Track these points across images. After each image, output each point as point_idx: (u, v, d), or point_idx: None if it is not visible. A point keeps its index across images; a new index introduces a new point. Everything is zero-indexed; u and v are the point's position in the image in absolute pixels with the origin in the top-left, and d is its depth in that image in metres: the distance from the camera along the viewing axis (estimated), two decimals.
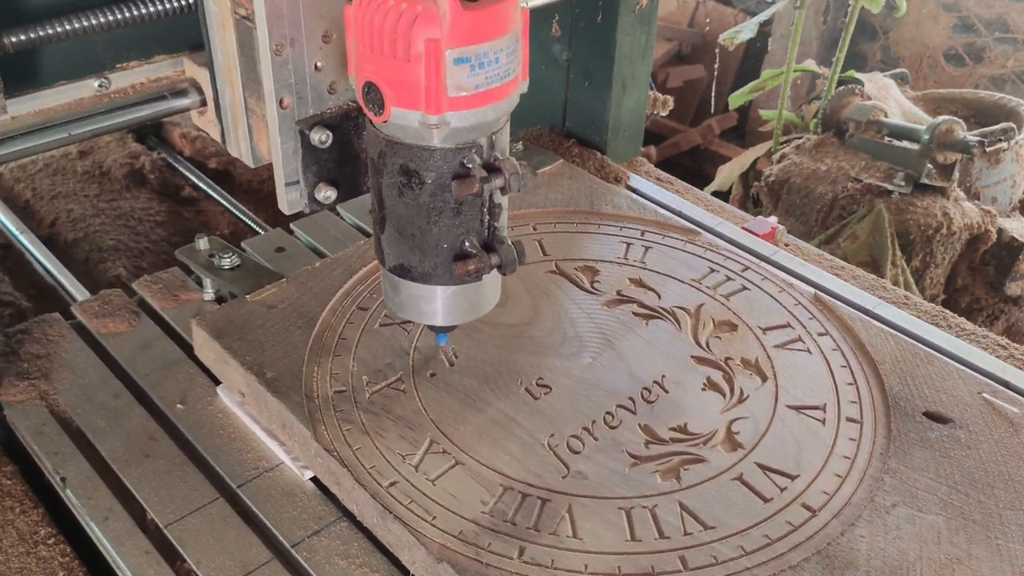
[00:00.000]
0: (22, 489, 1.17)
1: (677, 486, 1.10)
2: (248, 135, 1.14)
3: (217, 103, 1.18)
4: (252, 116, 1.12)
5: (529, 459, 1.13)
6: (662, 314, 1.34)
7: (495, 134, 0.99)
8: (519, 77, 0.98)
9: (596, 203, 1.57)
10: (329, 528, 1.10)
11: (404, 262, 1.06)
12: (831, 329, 1.32)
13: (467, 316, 1.12)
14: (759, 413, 1.20)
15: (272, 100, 1.04)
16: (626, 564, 1.01)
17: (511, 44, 0.94)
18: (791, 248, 1.63)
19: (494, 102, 0.95)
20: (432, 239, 1.03)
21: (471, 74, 0.91)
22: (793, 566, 1.01)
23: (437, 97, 0.91)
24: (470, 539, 1.03)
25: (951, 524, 1.06)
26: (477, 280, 1.07)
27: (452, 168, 0.98)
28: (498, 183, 0.99)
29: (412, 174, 0.99)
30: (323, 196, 1.11)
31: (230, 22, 1.07)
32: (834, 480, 1.11)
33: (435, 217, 1.01)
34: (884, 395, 1.22)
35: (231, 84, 1.13)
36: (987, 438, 1.16)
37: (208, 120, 1.23)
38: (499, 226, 1.05)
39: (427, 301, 1.09)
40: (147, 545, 1.09)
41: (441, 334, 1.18)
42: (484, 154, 0.99)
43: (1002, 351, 1.41)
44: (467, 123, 0.95)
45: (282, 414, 1.17)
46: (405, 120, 0.94)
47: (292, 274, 1.39)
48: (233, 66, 1.10)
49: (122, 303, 1.42)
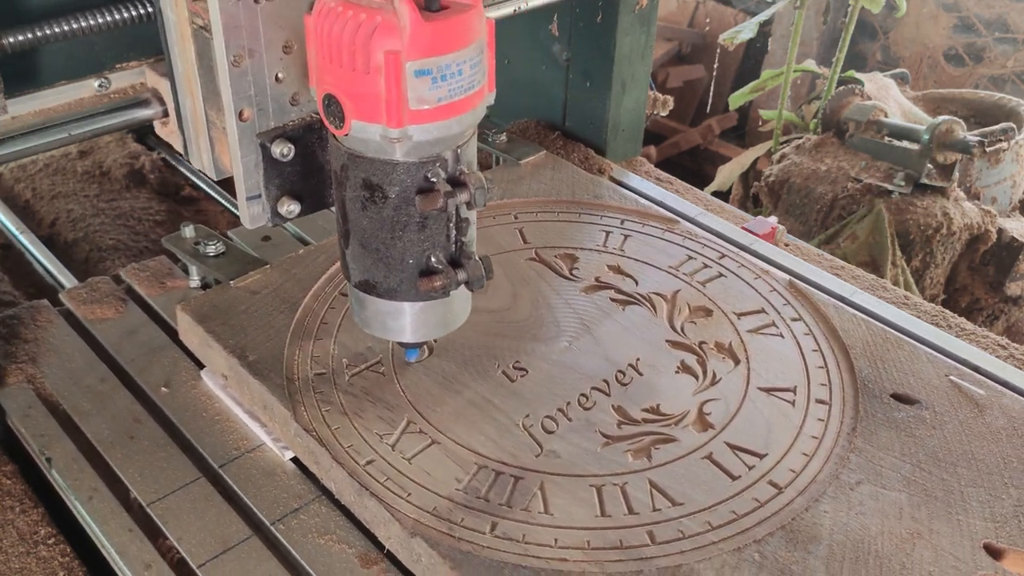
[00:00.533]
0: (22, 489, 1.18)
1: (648, 464, 1.12)
2: (210, 147, 1.13)
3: (179, 114, 1.16)
4: (213, 128, 1.11)
5: (504, 439, 1.15)
6: (639, 300, 1.37)
7: (461, 147, 0.98)
8: (485, 89, 0.96)
9: (578, 193, 1.60)
10: (308, 506, 1.13)
11: (369, 277, 1.05)
12: (804, 315, 1.34)
13: (436, 332, 1.12)
14: (731, 395, 1.22)
15: (231, 113, 1.01)
16: (595, 538, 1.04)
17: (475, 55, 0.92)
18: (791, 248, 1.64)
19: (458, 115, 0.94)
20: (397, 254, 1.02)
21: (433, 87, 0.90)
22: (757, 540, 1.03)
23: (398, 110, 0.90)
24: (443, 515, 1.05)
25: (913, 500, 1.08)
26: (444, 296, 1.06)
27: (416, 182, 0.97)
28: (463, 198, 0.97)
29: (375, 188, 0.98)
30: (286, 210, 1.09)
31: (188, 32, 1.05)
32: (801, 459, 1.13)
33: (399, 232, 1.00)
34: (853, 378, 1.24)
35: (192, 95, 1.11)
36: (952, 419, 1.18)
37: (170, 131, 1.21)
38: (467, 241, 1.04)
39: (394, 317, 1.09)
40: (130, 523, 1.11)
41: (411, 350, 1.19)
42: (449, 168, 0.97)
43: (1002, 351, 1.43)
44: (430, 136, 0.94)
45: (263, 396, 1.20)
46: (366, 133, 0.93)
47: (276, 260, 1.42)
48: (193, 77, 1.08)
49: (109, 290, 1.45)
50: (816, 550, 1.02)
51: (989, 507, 1.07)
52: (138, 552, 1.08)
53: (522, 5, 1.56)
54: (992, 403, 1.21)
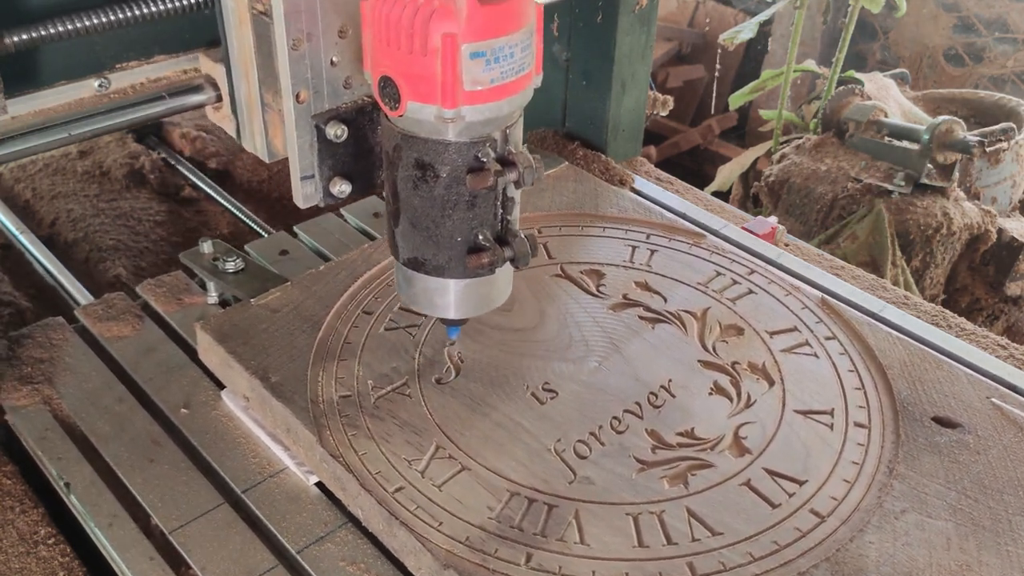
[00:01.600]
0: (22, 489, 1.16)
1: (684, 492, 1.10)
2: (264, 130, 1.14)
3: (232, 99, 1.18)
4: (268, 111, 1.12)
5: (536, 464, 1.12)
6: (668, 318, 1.34)
7: (509, 128, 1.00)
8: (533, 72, 0.98)
9: (601, 206, 1.57)
10: (334, 534, 1.10)
11: (418, 255, 1.06)
12: (838, 333, 1.32)
13: (479, 309, 1.12)
14: (766, 418, 1.19)
15: (289, 95, 1.04)
16: (634, 571, 1.01)
17: (526, 39, 0.94)
18: (791, 248, 1.63)
19: (509, 96, 0.96)
20: (446, 232, 1.03)
21: (487, 68, 0.92)
22: (802, 572, 1.01)
23: (453, 91, 0.92)
24: (476, 545, 1.02)
25: (960, 530, 1.06)
26: (490, 273, 1.07)
27: (466, 162, 0.99)
28: (512, 177, 0.99)
29: (427, 167, 0.99)
30: (338, 190, 1.11)
31: (247, 17, 1.07)
32: (842, 486, 1.11)
33: (449, 210, 1.01)
34: (892, 400, 1.22)
35: (247, 79, 1.13)
36: (996, 443, 1.16)
37: (223, 116, 1.23)
38: (512, 220, 1.06)
39: (440, 294, 1.09)
40: (151, 551, 1.09)
41: (452, 327, 1.18)
42: (498, 148, 0.99)
43: (1002, 351, 1.41)
44: (482, 117, 0.95)
45: (287, 419, 1.17)
46: (421, 114, 0.95)
47: (296, 277, 1.39)
48: (249, 61, 1.10)
49: (125, 307, 1.42)
50: None
51: None
52: None
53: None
54: None
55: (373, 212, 1.64)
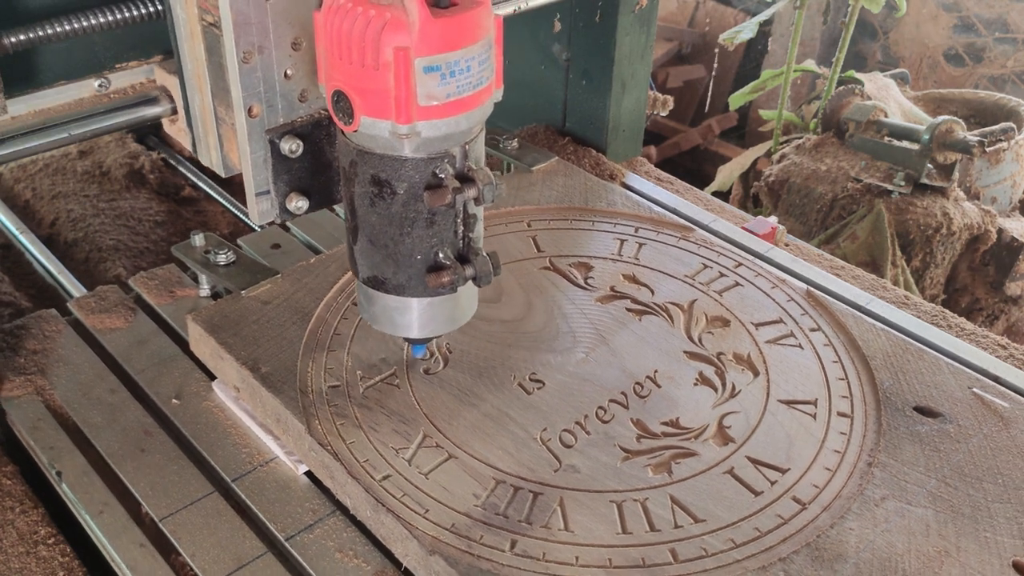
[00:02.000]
0: (22, 489, 1.17)
1: (668, 479, 1.11)
2: (219, 144, 1.13)
3: (188, 111, 1.16)
4: (222, 125, 1.10)
5: (522, 453, 1.13)
6: (655, 310, 1.35)
7: (469, 143, 0.98)
8: (493, 85, 0.96)
9: (591, 200, 1.58)
10: (323, 521, 1.11)
11: (377, 273, 1.05)
12: (823, 325, 1.33)
13: (443, 328, 1.12)
14: (751, 408, 1.20)
15: (241, 109, 1.02)
16: (617, 556, 1.02)
17: (483, 52, 0.92)
18: (791, 248, 1.64)
19: (466, 111, 0.94)
20: (405, 250, 1.02)
21: (442, 83, 0.90)
22: (783, 558, 1.02)
23: (407, 106, 0.90)
24: (462, 532, 1.04)
25: (940, 517, 1.07)
26: (452, 292, 1.06)
27: (424, 178, 0.97)
28: (472, 193, 0.98)
29: (383, 184, 0.98)
30: (294, 206, 1.09)
31: (198, 29, 1.05)
32: (824, 474, 1.12)
33: (408, 228, 1.00)
34: (875, 390, 1.23)
35: (201, 92, 1.11)
36: (977, 432, 1.17)
37: (179, 128, 1.21)
38: (474, 237, 1.04)
39: (401, 313, 1.08)
40: (142, 538, 1.10)
41: (417, 346, 1.18)
42: (457, 164, 0.98)
43: (1002, 351, 1.42)
44: (439, 133, 0.94)
45: (277, 409, 1.18)
46: (375, 129, 0.93)
47: (287, 270, 1.40)
48: (202, 74, 1.08)
49: (118, 299, 1.43)
50: (843, 569, 1.01)
51: (1017, 523, 1.06)
52: (150, 568, 1.07)
53: (522, 5, 1.55)
54: (1017, 416, 1.19)
55: None
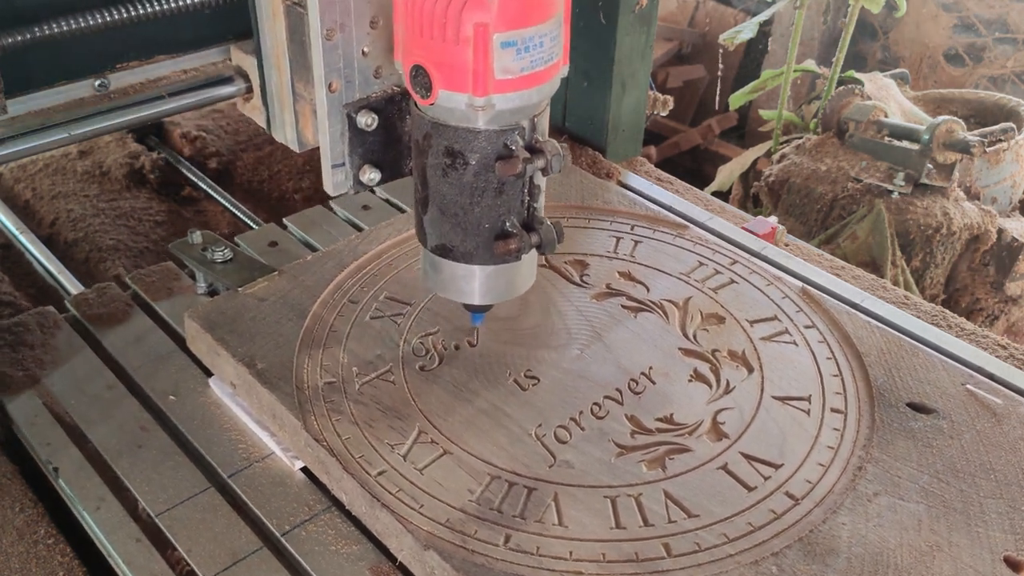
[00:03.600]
0: (22, 489, 1.17)
1: (662, 475, 1.11)
2: (294, 121, 1.17)
3: (263, 90, 1.20)
4: (299, 102, 1.15)
5: (517, 449, 1.14)
6: (650, 307, 1.36)
7: (537, 117, 1.02)
8: (560, 62, 1.00)
9: (587, 198, 1.59)
10: (318, 517, 1.11)
11: (446, 242, 1.08)
12: (818, 322, 1.33)
13: (503, 296, 1.15)
14: (745, 404, 1.21)
15: (322, 84, 1.06)
16: (610, 551, 1.02)
17: (555, 29, 0.96)
18: (791, 248, 1.64)
19: (538, 85, 0.98)
20: (474, 219, 1.05)
21: (517, 57, 0.94)
22: (775, 553, 1.02)
23: (484, 80, 0.94)
24: (457, 527, 1.04)
25: (932, 512, 1.07)
26: (516, 260, 1.09)
27: (496, 149, 1.01)
28: (540, 164, 1.01)
29: (457, 155, 1.01)
30: (367, 178, 1.13)
31: (280, 9, 1.10)
32: (817, 469, 1.12)
33: (478, 197, 1.04)
34: (869, 386, 1.23)
35: (279, 70, 1.15)
36: (969, 428, 1.17)
37: (253, 107, 1.26)
38: (538, 207, 1.08)
39: (466, 280, 1.12)
40: (138, 533, 1.11)
41: (477, 314, 1.20)
42: (526, 136, 1.01)
43: (1002, 351, 1.42)
44: (512, 105, 0.97)
45: (272, 405, 1.19)
46: (452, 102, 0.97)
47: (284, 267, 1.40)
48: (282, 53, 1.13)
49: (115, 296, 1.44)
50: (835, 563, 1.01)
51: (1009, 519, 1.06)
52: (146, 563, 1.08)
53: None
54: (1010, 413, 1.20)
55: (362, 205, 1.66)
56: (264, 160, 2.22)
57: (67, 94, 1.39)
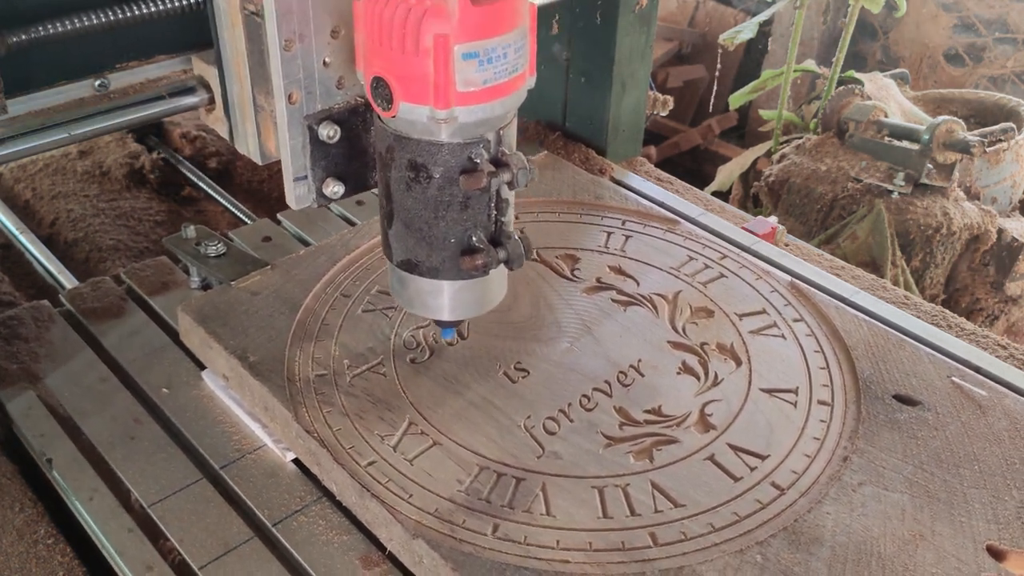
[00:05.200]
0: (21, 489, 1.18)
1: (650, 466, 1.12)
2: (256, 132, 1.15)
3: (225, 100, 1.19)
4: (260, 113, 1.13)
5: (506, 440, 1.15)
6: (640, 301, 1.37)
7: (503, 129, 1.01)
8: (527, 72, 0.99)
9: (578, 194, 1.60)
10: (309, 507, 1.13)
11: (411, 257, 1.07)
12: (806, 315, 1.34)
13: (473, 311, 1.14)
14: (732, 396, 1.22)
15: (281, 96, 1.04)
16: (597, 540, 1.03)
17: (519, 40, 0.95)
18: (791, 248, 1.64)
19: (502, 97, 0.96)
20: (439, 233, 1.04)
21: (480, 69, 0.93)
22: (760, 542, 1.03)
23: (446, 92, 0.93)
24: (445, 516, 1.05)
25: (916, 502, 1.08)
26: (484, 275, 1.08)
27: (460, 163, 0.99)
28: (505, 177, 1.00)
29: (420, 168, 1.00)
30: (331, 191, 1.11)
31: (239, 18, 1.07)
32: (803, 460, 1.13)
33: (443, 211, 1.02)
34: (855, 379, 1.24)
35: (240, 81, 1.13)
36: (954, 420, 1.18)
37: (216, 118, 1.23)
38: (506, 221, 1.07)
39: (433, 296, 1.11)
40: (131, 524, 1.12)
41: (447, 329, 1.20)
42: (492, 149, 1.00)
43: (1002, 351, 1.42)
44: (475, 118, 0.96)
45: (264, 397, 1.20)
46: (413, 115, 0.95)
47: (276, 261, 1.42)
48: (242, 63, 1.11)
49: (110, 291, 1.45)
50: (819, 552, 1.02)
51: (992, 509, 1.07)
52: (139, 553, 1.09)
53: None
54: (994, 404, 1.21)
55: (356, 200, 1.67)
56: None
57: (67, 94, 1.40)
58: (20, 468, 1.22)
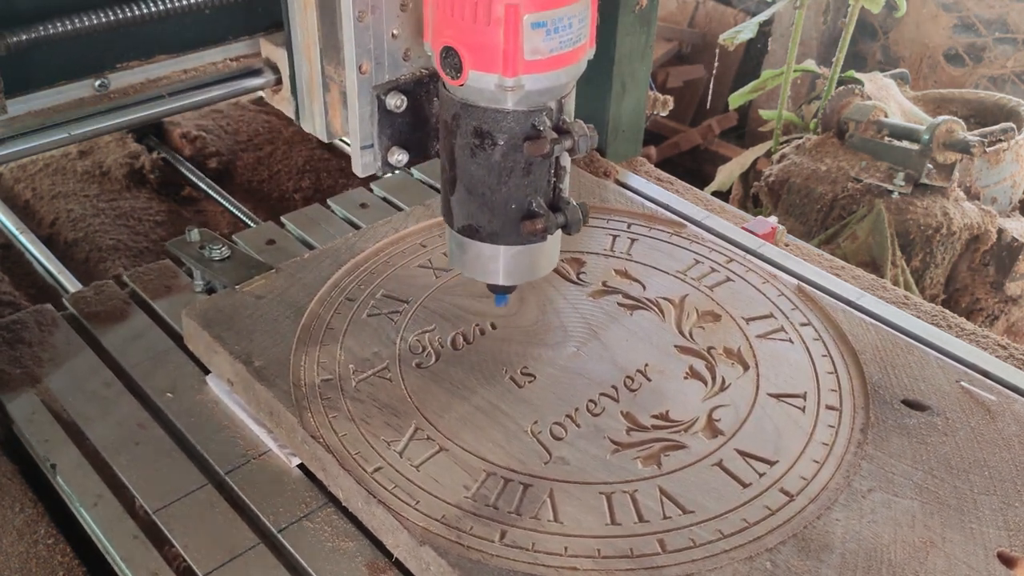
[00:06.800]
0: (21, 489, 1.18)
1: (657, 472, 1.12)
2: (324, 111, 1.18)
3: (293, 80, 1.21)
4: (328, 91, 1.16)
5: (512, 445, 1.14)
6: (647, 304, 1.36)
7: (564, 98, 1.03)
8: (588, 44, 1.01)
9: (584, 196, 1.59)
10: (315, 513, 1.12)
11: (472, 222, 1.09)
12: (813, 319, 1.34)
13: (525, 276, 1.15)
14: (740, 401, 1.21)
15: (352, 66, 1.07)
16: (605, 547, 1.03)
17: (583, 10, 0.97)
18: (791, 248, 1.64)
19: (566, 66, 0.99)
20: (501, 199, 1.06)
21: (546, 38, 0.95)
22: (769, 549, 1.03)
23: (514, 60, 0.95)
24: (452, 523, 1.04)
25: (926, 508, 1.07)
26: (542, 240, 1.10)
27: (524, 130, 1.02)
28: (567, 144, 1.02)
29: (485, 135, 1.03)
30: (395, 159, 1.14)
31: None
32: (812, 466, 1.13)
33: (505, 177, 1.05)
34: (864, 383, 1.24)
35: (309, 60, 1.16)
36: (964, 425, 1.18)
37: (282, 98, 1.27)
38: (563, 188, 1.09)
39: (492, 260, 1.12)
40: (135, 530, 1.11)
41: (500, 295, 1.20)
42: (554, 117, 1.02)
43: (1002, 351, 1.42)
44: (540, 86, 0.99)
45: (270, 402, 1.19)
46: (481, 83, 0.98)
47: (281, 265, 1.41)
48: (312, 41, 1.14)
49: (114, 294, 1.44)
50: (828, 559, 1.01)
51: (1002, 515, 1.07)
52: (144, 559, 1.08)
53: None
54: (1004, 409, 1.20)
55: (360, 203, 1.67)
56: (264, 160, 2.22)
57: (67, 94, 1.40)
58: (20, 468, 1.21)
